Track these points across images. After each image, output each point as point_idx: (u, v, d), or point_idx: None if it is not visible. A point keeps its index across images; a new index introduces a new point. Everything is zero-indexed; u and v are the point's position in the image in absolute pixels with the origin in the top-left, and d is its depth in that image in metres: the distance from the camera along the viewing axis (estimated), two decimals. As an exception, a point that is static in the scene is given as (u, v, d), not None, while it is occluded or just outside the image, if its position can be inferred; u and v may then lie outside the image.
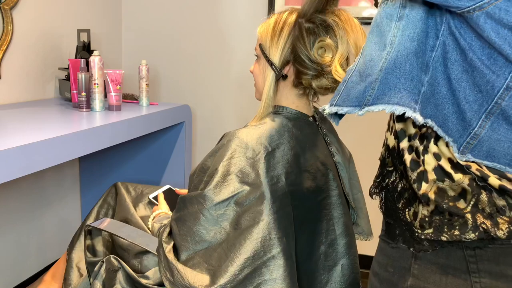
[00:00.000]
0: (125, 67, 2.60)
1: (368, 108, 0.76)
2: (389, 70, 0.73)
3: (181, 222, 1.04)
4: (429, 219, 0.76)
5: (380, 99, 0.75)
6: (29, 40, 1.94)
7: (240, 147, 1.02)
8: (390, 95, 0.74)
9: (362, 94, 0.77)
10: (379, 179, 0.89)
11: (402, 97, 0.73)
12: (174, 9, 2.53)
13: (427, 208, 0.76)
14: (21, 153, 1.17)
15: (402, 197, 0.81)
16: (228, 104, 2.54)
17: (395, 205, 0.82)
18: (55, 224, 2.22)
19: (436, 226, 0.76)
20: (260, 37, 1.12)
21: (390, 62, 0.73)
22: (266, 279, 0.95)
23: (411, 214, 0.79)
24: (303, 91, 1.13)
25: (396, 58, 0.73)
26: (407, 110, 0.73)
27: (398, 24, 0.72)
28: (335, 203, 1.14)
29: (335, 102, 0.81)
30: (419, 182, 0.76)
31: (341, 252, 1.14)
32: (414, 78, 0.72)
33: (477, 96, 0.69)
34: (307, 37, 1.05)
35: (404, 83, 0.73)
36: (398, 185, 0.82)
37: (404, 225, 0.81)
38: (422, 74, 0.72)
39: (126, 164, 2.27)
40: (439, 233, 0.75)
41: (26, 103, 1.90)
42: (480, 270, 0.75)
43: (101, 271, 1.20)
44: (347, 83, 0.80)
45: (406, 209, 0.80)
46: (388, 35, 0.73)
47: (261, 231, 0.96)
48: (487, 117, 0.69)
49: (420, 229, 0.77)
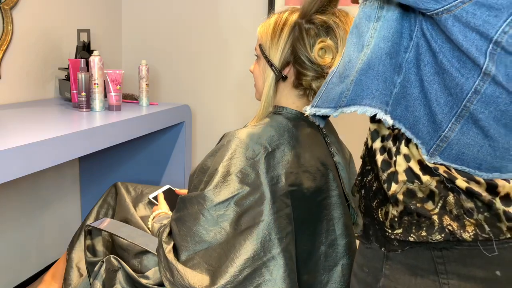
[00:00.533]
0: (125, 67, 2.60)
1: (342, 110, 0.77)
2: (363, 71, 0.74)
3: (181, 223, 1.04)
4: (399, 219, 0.76)
5: (353, 100, 0.75)
6: (29, 40, 1.94)
7: (240, 147, 1.02)
8: (363, 97, 0.75)
9: (339, 96, 0.77)
10: (359, 178, 0.89)
11: (374, 99, 0.74)
12: (174, 9, 2.53)
13: (397, 209, 0.76)
14: (21, 153, 1.17)
15: (376, 197, 0.81)
16: (228, 104, 2.54)
17: (370, 204, 0.83)
18: (55, 224, 2.22)
19: (405, 226, 0.76)
20: (260, 37, 1.12)
21: (365, 63, 0.74)
22: (266, 280, 0.95)
23: (383, 214, 0.79)
24: (303, 92, 1.13)
25: (370, 59, 0.73)
26: (378, 111, 0.74)
27: (376, 25, 0.73)
28: (335, 204, 1.14)
29: (315, 104, 0.82)
30: (388, 183, 0.76)
31: (341, 252, 1.14)
32: (387, 79, 0.73)
33: (447, 99, 0.69)
34: (307, 38, 1.04)
35: (377, 84, 0.73)
36: (373, 184, 0.82)
37: (377, 224, 0.81)
38: (394, 75, 0.72)
39: (126, 164, 2.27)
40: (407, 234, 0.76)
41: (26, 103, 1.90)
42: (448, 272, 0.75)
43: (101, 271, 1.20)
44: (327, 84, 0.81)
45: (379, 209, 0.80)
46: (366, 36, 0.74)
47: (261, 232, 0.96)
48: (457, 120, 0.69)
49: (390, 228, 0.78)
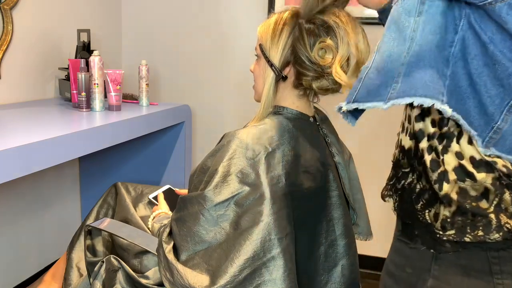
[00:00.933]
0: (125, 67, 2.60)
1: (394, 102, 0.74)
2: (413, 64, 0.72)
3: (181, 223, 1.04)
4: (451, 220, 0.75)
5: (406, 92, 0.73)
6: (29, 40, 1.94)
7: (240, 147, 1.02)
8: (417, 88, 0.72)
9: (385, 89, 0.74)
10: (392, 181, 0.87)
11: (429, 89, 0.71)
12: (174, 9, 2.53)
13: (449, 209, 0.75)
14: (21, 153, 1.17)
15: (421, 198, 0.79)
16: (228, 104, 2.54)
17: (413, 206, 0.81)
18: (55, 224, 2.22)
19: (458, 227, 0.74)
20: (260, 37, 1.11)
21: (413, 56, 0.72)
22: (266, 280, 0.95)
23: (431, 215, 0.78)
24: (304, 92, 1.12)
25: (419, 51, 0.71)
26: (435, 102, 0.71)
27: (418, 19, 0.72)
28: (335, 204, 1.14)
29: (353, 99, 0.78)
30: (440, 183, 0.75)
31: (341, 252, 1.14)
32: (438, 70, 0.71)
33: (498, 90, 0.68)
34: (308, 38, 1.04)
35: (430, 75, 0.71)
36: (416, 186, 0.81)
37: (424, 226, 0.79)
38: (444, 68, 0.71)
39: (126, 164, 2.27)
40: (462, 234, 0.74)
41: (26, 103, 1.90)
42: (503, 272, 0.74)
43: (101, 271, 1.20)
44: (363, 80, 0.78)
45: (426, 210, 0.78)
46: (408, 30, 0.72)
47: (261, 232, 0.96)
48: (510, 110, 0.68)
49: (442, 230, 0.76)
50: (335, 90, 1.11)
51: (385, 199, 0.93)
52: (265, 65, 1.11)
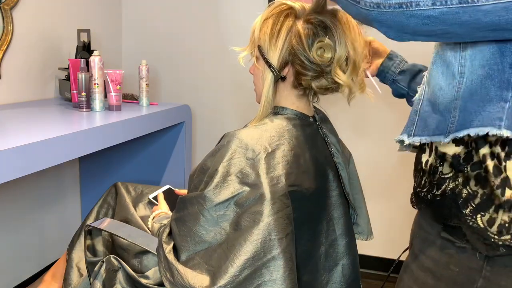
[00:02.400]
0: (125, 67, 2.60)
1: (453, 135, 0.78)
2: (467, 98, 0.76)
3: (181, 223, 1.04)
4: (509, 225, 0.75)
5: (463, 125, 0.77)
6: (29, 40, 1.94)
7: (240, 147, 1.02)
8: (473, 120, 0.76)
9: (444, 123, 0.79)
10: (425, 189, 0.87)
11: (484, 119, 0.75)
12: (174, 9, 2.53)
13: (509, 214, 0.75)
14: (21, 153, 1.17)
15: (469, 203, 0.80)
16: (228, 104, 2.54)
17: (459, 211, 0.81)
18: (55, 224, 2.22)
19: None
20: (258, 39, 1.11)
21: (465, 91, 0.76)
22: (266, 280, 0.95)
23: (484, 220, 0.78)
24: (303, 92, 1.12)
25: (471, 86, 0.75)
26: (490, 129, 0.74)
27: (464, 54, 0.75)
28: (335, 204, 1.14)
29: (413, 133, 0.83)
30: (502, 188, 0.75)
31: (342, 252, 1.14)
32: (492, 98, 0.74)
33: None
34: (306, 37, 1.04)
35: (483, 106, 0.75)
36: (462, 191, 0.81)
37: (474, 230, 0.79)
38: (503, 92, 0.73)
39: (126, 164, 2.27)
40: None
41: (26, 103, 1.90)
42: None
43: (101, 271, 1.20)
44: (419, 113, 0.83)
45: (478, 215, 0.79)
46: (455, 65, 0.76)
47: (261, 232, 0.96)
48: None
49: (498, 235, 0.76)
50: (334, 89, 1.11)
51: (415, 206, 0.93)
52: (264, 66, 1.11)
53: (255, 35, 1.12)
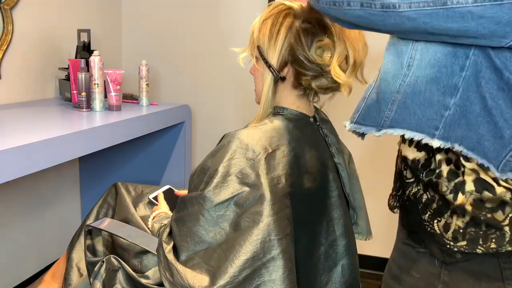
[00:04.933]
0: (125, 67, 2.60)
1: (386, 131, 0.77)
2: (409, 95, 0.73)
3: (181, 223, 1.04)
4: (464, 230, 0.74)
5: (399, 123, 0.75)
6: (29, 40, 1.94)
7: (240, 148, 1.02)
8: (410, 121, 0.74)
9: (379, 114, 0.76)
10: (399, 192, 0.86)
11: (421, 124, 0.73)
12: (174, 9, 2.53)
13: (462, 220, 0.74)
14: (21, 153, 1.17)
15: (428, 208, 0.79)
16: (228, 104, 2.54)
17: (419, 216, 0.80)
18: (55, 224, 2.22)
19: (471, 238, 0.74)
20: (257, 39, 1.11)
21: (409, 87, 0.73)
22: (265, 280, 0.95)
23: (440, 226, 0.77)
24: (303, 92, 1.12)
25: (415, 84, 0.72)
26: (424, 136, 0.73)
27: (416, 46, 0.72)
28: (335, 204, 1.14)
29: (355, 120, 0.81)
30: (455, 193, 0.74)
31: (341, 252, 1.14)
32: (434, 104, 0.72)
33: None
34: (305, 37, 1.05)
35: (423, 110, 0.73)
36: (422, 196, 0.80)
37: (432, 236, 0.79)
38: (446, 98, 0.71)
39: (126, 164, 2.27)
40: (474, 246, 0.73)
41: (26, 103, 1.90)
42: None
43: (101, 271, 1.20)
44: (366, 99, 0.80)
45: (435, 221, 0.78)
46: (405, 56, 0.73)
47: (261, 232, 0.96)
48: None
49: (453, 241, 0.75)
50: (335, 89, 1.11)
51: (394, 210, 0.92)
52: (264, 67, 1.11)
53: (254, 36, 1.12)
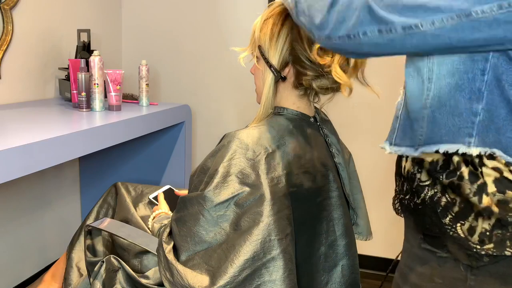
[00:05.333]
0: (125, 67, 2.60)
1: (423, 149, 0.76)
2: (435, 108, 0.73)
3: (181, 223, 1.04)
4: (490, 233, 0.73)
5: (432, 139, 0.74)
6: (29, 40, 1.94)
7: (240, 148, 1.02)
8: (442, 134, 0.73)
9: (413, 133, 0.76)
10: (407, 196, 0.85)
11: (454, 134, 0.72)
12: (174, 9, 2.53)
13: (489, 222, 0.73)
14: (22, 153, 1.17)
15: (449, 212, 0.77)
16: (228, 104, 2.54)
17: (439, 220, 0.78)
18: (55, 224, 2.22)
19: (498, 240, 0.73)
20: (258, 39, 1.11)
21: (434, 99, 0.73)
22: (265, 281, 0.95)
23: (465, 229, 0.75)
24: (304, 92, 1.12)
25: (440, 96, 0.72)
26: (460, 147, 0.72)
27: (432, 58, 0.72)
28: (335, 204, 1.14)
29: (393, 141, 0.81)
30: (479, 195, 0.73)
31: (341, 253, 1.14)
32: (462, 112, 0.71)
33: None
34: (306, 37, 1.05)
35: (452, 119, 0.72)
36: (441, 199, 0.78)
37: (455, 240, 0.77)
38: (473, 104, 0.70)
39: (126, 164, 2.27)
40: (502, 248, 0.73)
41: (26, 103, 1.90)
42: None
43: (101, 271, 1.20)
44: (399, 119, 0.80)
45: (458, 224, 0.76)
46: (424, 70, 0.73)
47: (261, 232, 0.96)
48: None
49: (480, 244, 0.74)
50: (335, 89, 1.11)
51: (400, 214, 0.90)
52: (264, 66, 1.11)
53: (255, 36, 1.12)
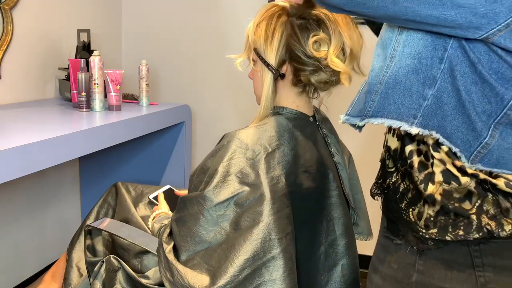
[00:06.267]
0: (125, 67, 2.60)
1: (368, 120, 0.80)
2: (390, 85, 0.76)
3: (181, 223, 1.04)
4: (434, 219, 0.78)
5: (379, 112, 0.78)
6: (29, 40, 1.94)
7: (240, 147, 1.02)
8: (390, 110, 0.77)
9: (364, 105, 0.80)
10: (380, 180, 0.90)
11: (401, 112, 0.76)
12: (174, 9, 2.53)
13: (433, 208, 0.78)
14: (22, 153, 1.17)
15: (405, 197, 0.83)
16: (228, 104, 2.54)
17: (397, 205, 0.84)
18: (55, 224, 2.22)
19: (440, 226, 0.78)
20: (253, 42, 1.12)
21: (390, 77, 0.76)
22: (265, 280, 0.95)
23: (415, 214, 0.81)
24: (303, 89, 1.13)
25: (397, 74, 0.75)
26: (403, 124, 0.76)
27: (399, 38, 0.75)
28: (335, 204, 1.14)
29: (348, 112, 0.85)
30: (425, 183, 0.78)
31: (341, 252, 1.14)
32: (413, 94, 0.75)
33: (485, 107, 0.72)
34: (300, 33, 1.05)
35: (403, 99, 0.76)
36: (400, 185, 0.84)
37: (407, 224, 0.82)
38: (425, 89, 0.74)
39: (126, 164, 2.27)
40: (443, 233, 0.77)
41: (26, 103, 1.90)
42: (484, 264, 0.77)
43: (101, 271, 1.20)
44: (359, 94, 0.83)
45: (410, 209, 0.81)
46: (389, 48, 0.76)
47: (261, 232, 0.96)
48: (496, 127, 0.72)
49: (425, 228, 0.79)
50: (334, 82, 1.11)
51: (375, 197, 0.96)
52: (262, 67, 1.11)
53: (250, 40, 1.13)
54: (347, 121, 0.84)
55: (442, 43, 0.72)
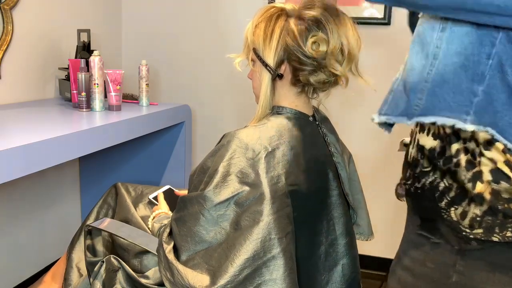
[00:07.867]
0: (125, 67, 2.60)
1: (417, 119, 0.77)
2: (437, 83, 0.75)
3: (181, 223, 1.04)
4: (481, 219, 0.76)
5: (430, 111, 0.76)
6: (29, 40, 1.94)
7: (240, 147, 1.03)
8: (440, 108, 0.75)
9: (408, 104, 0.78)
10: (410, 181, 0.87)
11: (452, 110, 0.74)
12: (174, 9, 2.53)
13: (480, 208, 0.76)
14: (22, 153, 1.17)
15: (445, 196, 0.80)
16: (228, 104, 2.54)
17: (436, 204, 0.81)
18: (55, 224, 2.22)
19: (487, 226, 0.75)
20: (252, 42, 1.12)
21: (437, 75, 0.75)
22: (266, 280, 0.95)
23: (458, 213, 0.78)
24: (302, 89, 1.13)
25: (443, 73, 0.74)
26: (456, 122, 0.74)
27: (441, 35, 0.74)
28: (335, 203, 1.14)
29: (383, 112, 0.82)
30: (473, 182, 0.76)
31: (342, 252, 1.14)
32: (463, 90, 0.73)
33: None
34: (299, 33, 1.06)
35: (453, 96, 0.74)
36: (439, 184, 0.81)
37: (448, 224, 0.80)
38: (474, 85, 0.73)
39: (126, 164, 2.27)
40: (489, 234, 0.75)
41: (26, 103, 1.90)
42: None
43: (101, 271, 1.20)
44: (394, 92, 0.81)
45: (452, 208, 0.79)
46: (431, 46, 0.75)
47: (261, 232, 0.96)
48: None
49: (469, 228, 0.77)
50: (333, 83, 1.11)
51: (401, 198, 0.94)
52: (261, 67, 1.11)
53: (248, 41, 1.14)
54: (388, 121, 0.82)
55: (489, 38, 0.70)
